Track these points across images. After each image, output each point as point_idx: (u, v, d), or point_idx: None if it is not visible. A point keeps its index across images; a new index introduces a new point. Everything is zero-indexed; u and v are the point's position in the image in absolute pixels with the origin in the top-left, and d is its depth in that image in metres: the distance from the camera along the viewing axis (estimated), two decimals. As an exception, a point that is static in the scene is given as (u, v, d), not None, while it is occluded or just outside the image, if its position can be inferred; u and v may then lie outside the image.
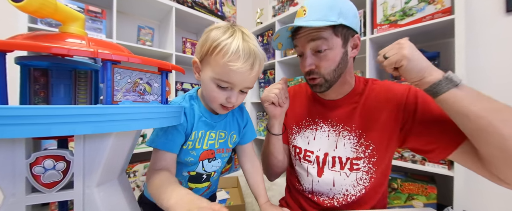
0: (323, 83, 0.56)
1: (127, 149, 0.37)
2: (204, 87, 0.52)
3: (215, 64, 0.46)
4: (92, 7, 1.25)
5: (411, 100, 0.54)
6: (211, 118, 0.57)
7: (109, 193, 0.33)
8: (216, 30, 0.48)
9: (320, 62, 0.54)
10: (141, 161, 1.46)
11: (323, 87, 0.56)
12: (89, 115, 0.25)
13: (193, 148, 0.55)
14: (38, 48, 0.25)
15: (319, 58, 0.54)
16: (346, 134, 0.60)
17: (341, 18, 0.51)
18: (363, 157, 0.57)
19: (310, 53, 0.55)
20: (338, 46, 0.53)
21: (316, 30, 0.52)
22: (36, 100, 0.38)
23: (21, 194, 0.27)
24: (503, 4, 1.04)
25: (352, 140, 0.59)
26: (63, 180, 0.29)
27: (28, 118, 0.22)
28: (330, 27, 0.52)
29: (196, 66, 0.52)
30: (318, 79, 0.56)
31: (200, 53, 0.50)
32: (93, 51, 0.27)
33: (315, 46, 0.53)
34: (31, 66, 0.38)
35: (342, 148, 0.59)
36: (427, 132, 0.51)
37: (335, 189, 0.60)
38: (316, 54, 0.54)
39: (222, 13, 2.15)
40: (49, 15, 0.30)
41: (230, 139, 0.61)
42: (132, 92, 0.34)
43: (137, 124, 0.30)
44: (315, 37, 0.52)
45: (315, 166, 0.62)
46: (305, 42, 0.54)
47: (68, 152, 0.29)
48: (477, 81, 1.11)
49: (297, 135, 0.68)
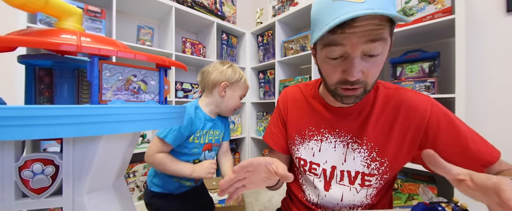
0: (361, 94, 0.45)
1: (121, 152, 0.34)
2: (228, 100, 0.82)
3: (242, 87, 0.86)
4: (91, 6, 1.25)
5: (434, 123, 0.48)
6: (212, 120, 0.83)
7: (102, 201, 0.31)
8: (235, 67, 0.84)
9: (369, 70, 0.41)
10: (141, 161, 1.46)
11: (359, 98, 0.46)
12: (71, 116, 0.23)
13: (199, 142, 0.78)
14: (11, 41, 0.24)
15: (369, 64, 0.41)
16: (356, 147, 0.53)
17: (395, 11, 0.39)
18: (376, 174, 0.52)
19: (358, 57, 0.40)
20: (386, 51, 0.42)
21: (378, 25, 0.37)
22: (41, 100, 0.37)
23: (10, 199, 0.26)
24: (503, 4, 1.03)
25: (363, 154, 0.52)
26: (52, 186, 0.27)
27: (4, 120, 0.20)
28: (390, 23, 0.39)
29: (223, 87, 0.80)
30: (360, 89, 0.44)
31: (231, 80, 0.81)
32: (76, 44, 0.25)
33: (372, 49, 0.39)
34: (36, 66, 0.37)
35: (352, 161, 0.53)
36: (447, 156, 0.43)
37: (342, 204, 0.55)
38: (366, 58, 0.41)
39: (222, 13, 2.15)
40: (40, 9, 0.28)
41: (221, 136, 0.87)
42: (125, 90, 0.31)
43: (130, 125, 0.28)
44: (376, 37, 0.38)
45: (322, 179, 0.57)
46: (359, 42, 0.38)
47: (57, 155, 0.28)
48: (477, 82, 1.10)
49: (301, 145, 0.61)
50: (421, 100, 0.50)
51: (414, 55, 1.17)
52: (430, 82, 1.07)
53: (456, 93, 0.97)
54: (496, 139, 1.04)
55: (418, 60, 1.15)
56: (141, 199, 1.44)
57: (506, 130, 1.04)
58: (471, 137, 0.46)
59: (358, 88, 0.44)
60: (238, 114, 2.13)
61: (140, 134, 1.26)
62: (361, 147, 0.53)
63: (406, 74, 1.18)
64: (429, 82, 1.08)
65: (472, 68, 1.10)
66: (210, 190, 1.56)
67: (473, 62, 1.10)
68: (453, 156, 0.47)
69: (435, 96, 1.04)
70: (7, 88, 1.03)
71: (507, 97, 1.04)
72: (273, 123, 0.69)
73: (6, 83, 1.01)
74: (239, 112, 2.14)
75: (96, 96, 0.28)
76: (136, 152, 1.41)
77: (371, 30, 0.37)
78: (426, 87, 1.08)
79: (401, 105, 0.51)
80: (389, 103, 0.52)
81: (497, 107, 1.06)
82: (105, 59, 0.29)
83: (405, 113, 0.50)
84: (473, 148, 0.45)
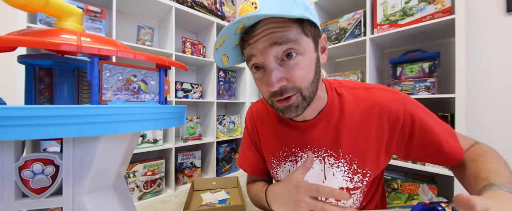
0: (300, 103, 0.41)
1: (121, 152, 0.34)
2: None
3: None
4: (91, 6, 1.25)
5: (408, 123, 0.45)
6: None
7: (102, 201, 0.31)
8: None
9: (292, 73, 0.38)
10: (141, 161, 1.46)
11: (300, 109, 0.41)
12: (71, 116, 0.23)
13: None
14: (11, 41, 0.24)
15: (290, 68, 0.38)
16: (334, 161, 0.49)
17: (306, 13, 0.37)
18: (361, 186, 0.49)
19: (274, 63, 0.38)
20: (311, 51, 0.40)
21: (280, 27, 0.36)
22: (41, 100, 0.37)
23: (10, 199, 0.26)
24: (503, 4, 1.03)
25: (343, 168, 0.49)
26: (52, 186, 0.27)
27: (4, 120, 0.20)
28: (298, 24, 0.37)
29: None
30: (294, 97, 0.40)
31: None
32: (76, 44, 0.25)
33: (281, 52, 0.37)
34: (36, 66, 0.37)
35: (333, 178, 0.49)
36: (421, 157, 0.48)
37: None
38: (284, 63, 0.38)
39: (222, 13, 2.15)
40: (40, 9, 0.28)
41: None
42: (125, 90, 0.31)
43: (130, 125, 0.28)
44: (279, 40, 0.36)
45: None
46: (264, 47, 0.37)
47: (58, 155, 0.28)
48: (477, 82, 1.10)
49: (278, 168, 0.56)
50: (392, 99, 0.47)
51: (414, 55, 1.17)
52: (430, 82, 1.07)
53: (456, 93, 0.97)
54: (496, 139, 1.05)
55: (418, 60, 1.15)
56: (141, 199, 1.44)
57: (506, 130, 1.04)
58: (444, 136, 0.45)
59: (292, 96, 0.40)
60: (238, 113, 2.13)
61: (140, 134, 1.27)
62: (339, 160, 0.48)
63: (406, 74, 1.18)
64: (429, 82, 1.08)
65: (472, 68, 1.10)
66: (210, 190, 1.56)
67: (473, 62, 1.10)
68: (428, 156, 0.47)
69: (435, 96, 1.04)
70: (7, 88, 1.03)
71: (507, 97, 1.04)
72: (246, 146, 0.63)
73: (6, 83, 1.01)
74: (239, 111, 2.14)
75: (96, 96, 0.28)
76: (136, 152, 1.41)
77: (271, 33, 0.37)
78: (426, 87, 1.08)
79: (373, 107, 0.46)
80: (360, 106, 0.47)
81: (497, 107, 1.06)
82: (105, 59, 0.29)
83: (379, 115, 0.46)
84: (447, 149, 0.45)
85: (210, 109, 1.84)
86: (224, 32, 0.37)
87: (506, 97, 1.04)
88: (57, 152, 0.29)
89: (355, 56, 1.61)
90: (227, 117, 1.99)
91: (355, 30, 1.36)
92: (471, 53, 1.10)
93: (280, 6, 0.35)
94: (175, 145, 1.57)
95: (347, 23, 1.40)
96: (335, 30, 1.46)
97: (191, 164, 1.75)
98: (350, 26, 1.37)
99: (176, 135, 1.80)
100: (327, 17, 1.65)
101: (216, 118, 1.84)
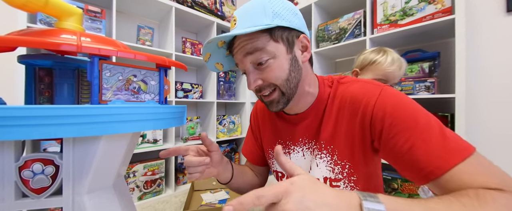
0: (280, 98, 0.47)
1: (121, 152, 0.34)
2: None
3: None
4: (91, 6, 1.25)
5: (378, 118, 0.41)
6: None
7: (102, 201, 0.31)
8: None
9: (265, 75, 0.45)
10: (141, 161, 1.46)
11: (281, 103, 0.47)
12: (71, 116, 0.23)
13: None
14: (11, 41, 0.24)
15: (263, 70, 0.45)
16: (317, 152, 0.51)
17: (276, 19, 0.43)
18: (342, 178, 0.49)
19: (252, 68, 0.46)
20: (282, 53, 0.45)
21: (249, 40, 0.43)
22: (41, 100, 0.37)
23: (10, 199, 0.26)
24: (503, 4, 1.03)
25: (325, 158, 0.50)
26: (52, 186, 0.27)
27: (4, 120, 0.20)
28: (266, 33, 0.43)
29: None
30: (275, 93, 0.47)
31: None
32: (76, 44, 0.25)
33: (254, 59, 0.45)
34: (36, 66, 0.37)
35: (316, 168, 0.51)
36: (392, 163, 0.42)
37: None
38: (259, 67, 0.45)
39: (222, 13, 2.15)
40: (40, 9, 0.28)
41: None
42: (125, 90, 0.31)
43: (130, 125, 0.27)
44: (250, 50, 0.44)
45: None
46: (241, 58, 0.46)
47: (58, 155, 0.28)
48: (477, 82, 1.10)
49: (274, 159, 0.60)
50: (366, 90, 0.45)
51: (414, 55, 1.17)
52: (430, 82, 1.07)
53: (456, 93, 0.97)
54: (497, 139, 1.05)
55: (418, 60, 1.15)
56: (141, 199, 1.44)
57: (506, 130, 1.04)
58: (425, 142, 0.36)
59: (272, 93, 0.47)
60: (238, 113, 2.13)
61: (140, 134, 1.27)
62: (321, 152, 0.50)
63: (406, 74, 1.18)
64: (429, 82, 1.08)
65: (472, 68, 1.10)
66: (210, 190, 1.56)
67: (473, 62, 1.10)
68: (398, 161, 0.39)
69: (435, 96, 1.04)
70: (7, 88, 1.03)
71: (507, 97, 1.04)
72: (249, 137, 0.71)
73: (6, 83, 1.01)
74: (239, 111, 2.14)
75: (96, 96, 0.28)
76: (136, 152, 1.41)
77: (244, 46, 0.44)
78: (426, 87, 1.08)
79: (346, 99, 0.47)
80: (337, 99, 0.49)
81: (497, 107, 1.06)
82: (105, 59, 0.29)
83: (349, 108, 0.46)
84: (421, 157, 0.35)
85: (210, 109, 1.84)
86: (207, 49, 0.47)
87: (506, 97, 1.04)
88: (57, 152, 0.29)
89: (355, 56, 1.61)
90: (227, 117, 1.99)
91: (355, 30, 1.36)
92: (471, 53, 1.10)
93: (250, 21, 0.43)
94: (175, 145, 1.57)
95: (347, 23, 1.40)
96: (335, 30, 1.46)
97: (191, 164, 1.75)
98: (350, 26, 1.37)
99: (176, 135, 1.80)
100: (327, 17, 1.65)
101: (216, 118, 1.84)
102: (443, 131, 0.36)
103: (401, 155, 0.38)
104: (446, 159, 0.34)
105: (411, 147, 0.37)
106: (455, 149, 0.34)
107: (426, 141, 0.36)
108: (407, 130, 0.38)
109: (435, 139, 0.36)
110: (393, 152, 0.39)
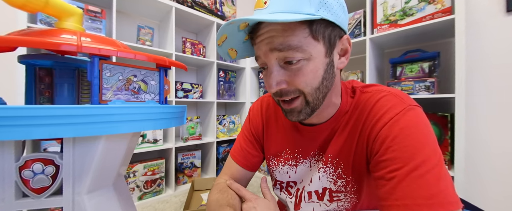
0: (303, 108, 0.38)
1: (121, 152, 0.34)
2: None
3: None
4: (91, 6, 1.25)
5: (380, 139, 0.36)
6: None
7: (102, 201, 0.31)
8: None
9: (293, 78, 0.36)
10: (141, 161, 1.46)
11: (303, 114, 0.39)
12: (72, 116, 0.23)
13: None
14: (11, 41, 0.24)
15: (292, 72, 0.36)
16: (322, 165, 0.46)
17: (322, 10, 0.33)
18: (344, 191, 0.45)
19: (277, 66, 0.36)
20: (320, 55, 0.36)
21: (282, 30, 0.34)
22: (41, 100, 0.38)
23: (10, 199, 0.26)
24: (503, 4, 1.03)
25: (329, 170, 0.45)
26: (52, 186, 0.27)
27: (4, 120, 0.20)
28: (306, 26, 0.34)
29: None
30: (297, 100, 0.38)
31: None
32: (77, 44, 0.25)
33: (283, 57, 0.35)
34: (36, 66, 0.37)
35: (317, 181, 0.47)
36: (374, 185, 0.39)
37: None
38: (286, 66, 0.36)
39: (222, 13, 2.15)
40: (40, 9, 0.29)
41: None
42: (125, 90, 0.31)
43: (130, 125, 0.28)
44: (280, 46, 0.34)
45: (293, 199, 0.51)
46: (266, 51, 0.36)
47: (58, 155, 0.28)
48: (477, 82, 1.10)
49: (275, 168, 0.54)
50: (388, 107, 0.38)
51: (414, 55, 1.17)
52: (430, 82, 1.07)
53: (456, 93, 0.97)
54: (497, 139, 1.05)
55: (418, 60, 1.15)
56: (141, 199, 1.44)
57: (506, 130, 1.04)
58: (414, 174, 0.31)
59: (295, 100, 0.38)
60: (238, 113, 2.13)
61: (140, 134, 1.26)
62: (327, 165, 0.46)
63: (406, 74, 1.18)
64: (429, 82, 1.08)
65: (472, 68, 1.10)
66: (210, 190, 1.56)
67: (473, 62, 1.10)
68: (378, 186, 0.35)
69: (435, 96, 1.04)
70: (7, 88, 1.03)
71: (507, 97, 1.04)
72: (244, 137, 0.58)
73: (6, 83, 1.01)
74: (239, 111, 2.14)
75: (96, 96, 0.29)
76: (136, 152, 1.41)
77: (273, 37, 0.34)
78: (426, 87, 1.08)
79: (364, 113, 0.41)
80: (355, 112, 0.42)
81: (497, 107, 1.06)
82: (105, 59, 0.29)
83: (364, 122, 0.40)
84: (398, 191, 0.32)
85: (210, 108, 1.84)
86: (225, 29, 0.35)
87: (506, 97, 1.04)
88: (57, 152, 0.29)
89: (355, 56, 1.60)
90: (227, 116, 1.99)
91: (355, 30, 1.36)
92: (471, 53, 1.10)
93: (287, 4, 0.33)
94: (175, 144, 1.57)
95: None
96: (335, 30, 1.45)
97: (191, 164, 1.75)
98: (350, 26, 1.37)
99: (176, 135, 1.80)
100: (327, 17, 1.64)
101: (216, 118, 1.84)
102: (438, 175, 0.32)
103: (384, 182, 0.34)
104: (421, 204, 0.30)
105: (393, 178, 0.33)
106: (438, 198, 0.30)
107: (413, 180, 0.31)
108: (400, 160, 0.33)
109: (424, 180, 0.31)
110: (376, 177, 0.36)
